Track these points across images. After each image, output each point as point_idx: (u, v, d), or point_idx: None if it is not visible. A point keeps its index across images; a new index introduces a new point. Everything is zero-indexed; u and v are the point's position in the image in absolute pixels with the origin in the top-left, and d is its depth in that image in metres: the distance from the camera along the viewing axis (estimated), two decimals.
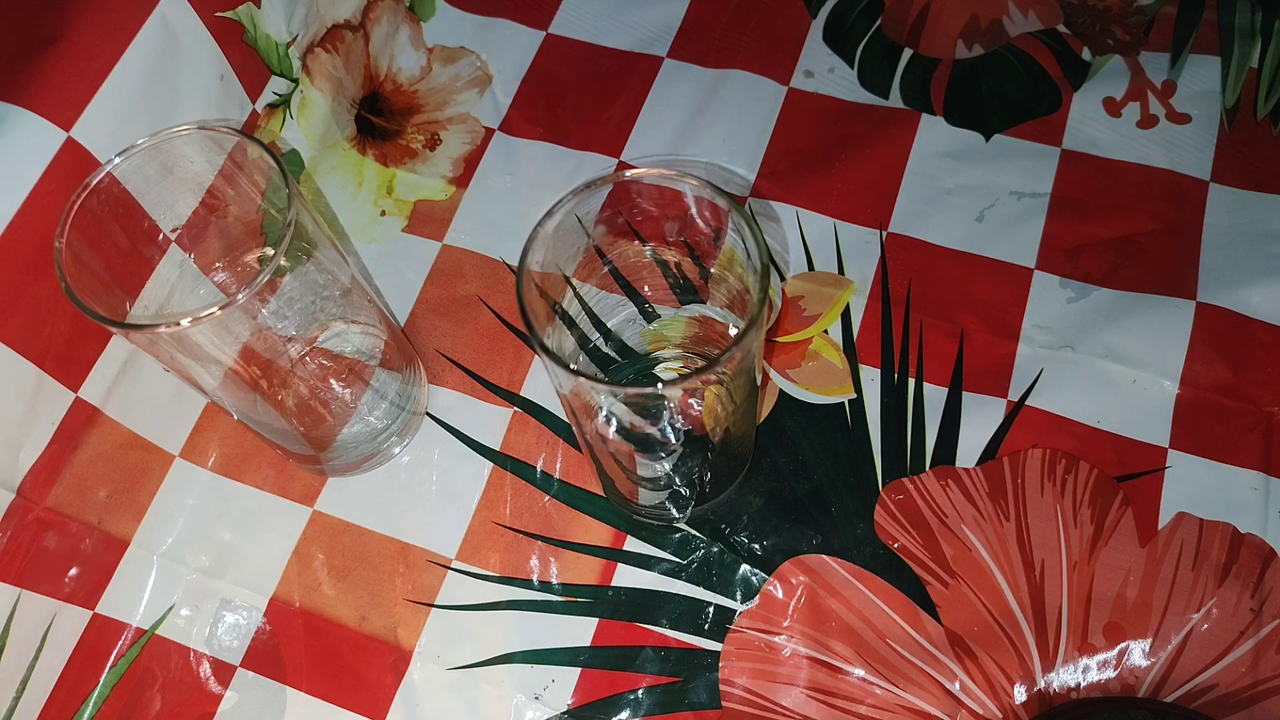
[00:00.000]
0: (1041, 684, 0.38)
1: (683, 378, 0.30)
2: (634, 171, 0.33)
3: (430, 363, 0.46)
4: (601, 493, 0.43)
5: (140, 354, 0.39)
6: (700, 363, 0.42)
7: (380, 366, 0.43)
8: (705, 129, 0.51)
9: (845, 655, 0.39)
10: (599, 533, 0.42)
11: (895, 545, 0.41)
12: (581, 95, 0.52)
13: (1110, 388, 0.43)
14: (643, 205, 0.34)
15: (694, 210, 0.34)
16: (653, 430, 0.35)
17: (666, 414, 0.35)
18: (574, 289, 0.38)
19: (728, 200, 0.32)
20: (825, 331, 0.45)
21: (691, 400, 0.33)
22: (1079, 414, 0.43)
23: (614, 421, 0.34)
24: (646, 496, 0.41)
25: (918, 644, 0.39)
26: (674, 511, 0.41)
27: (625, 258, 0.38)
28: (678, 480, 0.40)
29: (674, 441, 0.37)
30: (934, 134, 0.50)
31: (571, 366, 0.29)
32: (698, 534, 0.42)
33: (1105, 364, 0.44)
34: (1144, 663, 0.38)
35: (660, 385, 0.29)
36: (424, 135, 0.52)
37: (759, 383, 0.38)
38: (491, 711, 0.39)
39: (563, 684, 0.40)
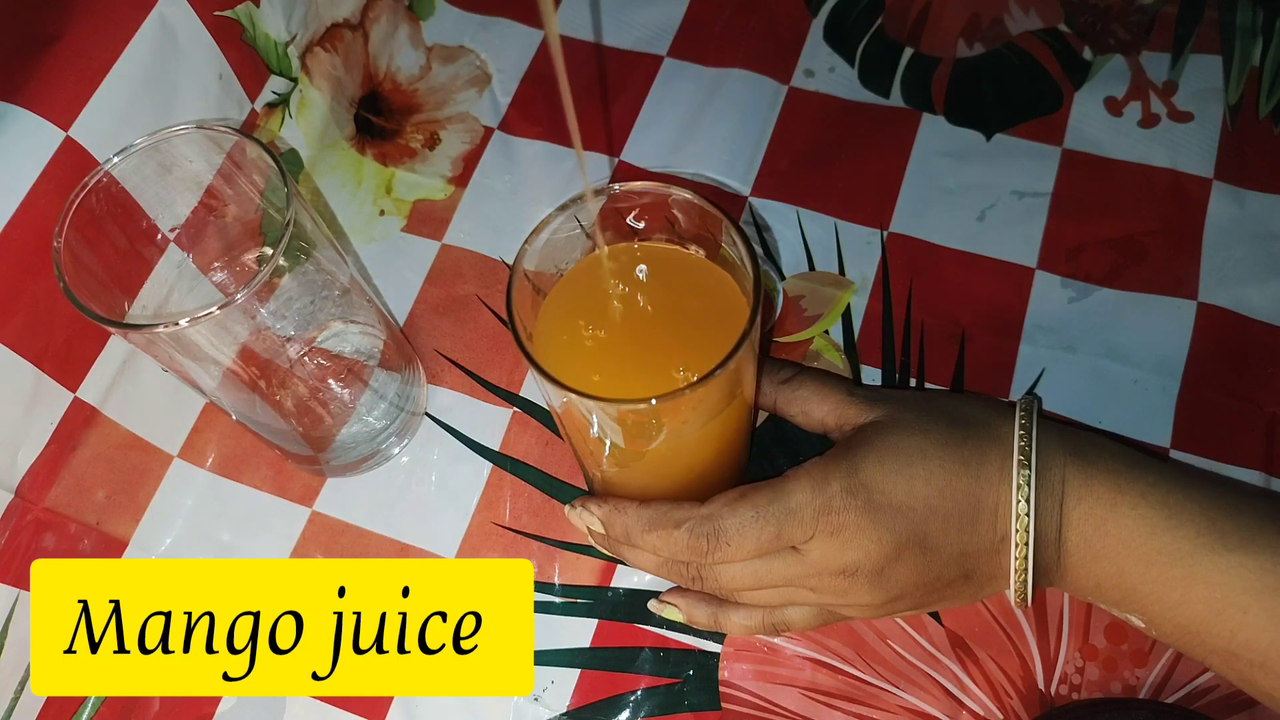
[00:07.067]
0: (1042, 685, 0.38)
1: (675, 392, 0.30)
2: (623, 186, 0.33)
3: (429, 363, 0.46)
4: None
5: (139, 354, 0.39)
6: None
7: (379, 366, 0.42)
8: (705, 128, 0.50)
9: (846, 656, 0.39)
10: None
11: None
12: (581, 94, 0.52)
13: (1112, 388, 0.43)
14: (642, 208, 0.34)
15: (690, 215, 0.34)
16: (644, 444, 0.35)
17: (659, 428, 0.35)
18: None
19: (718, 211, 0.32)
20: (826, 332, 0.45)
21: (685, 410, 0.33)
22: (1080, 414, 0.42)
23: (607, 436, 0.34)
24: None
25: (919, 645, 0.39)
26: None
27: None
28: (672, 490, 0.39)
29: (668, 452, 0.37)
30: (935, 133, 0.50)
31: (563, 383, 0.29)
32: None
33: (1107, 364, 0.43)
34: (1145, 664, 0.38)
35: (654, 400, 0.29)
36: (423, 134, 0.52)
37: (754, 392, 0.37)
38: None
39: (562, 685, 0.39)
